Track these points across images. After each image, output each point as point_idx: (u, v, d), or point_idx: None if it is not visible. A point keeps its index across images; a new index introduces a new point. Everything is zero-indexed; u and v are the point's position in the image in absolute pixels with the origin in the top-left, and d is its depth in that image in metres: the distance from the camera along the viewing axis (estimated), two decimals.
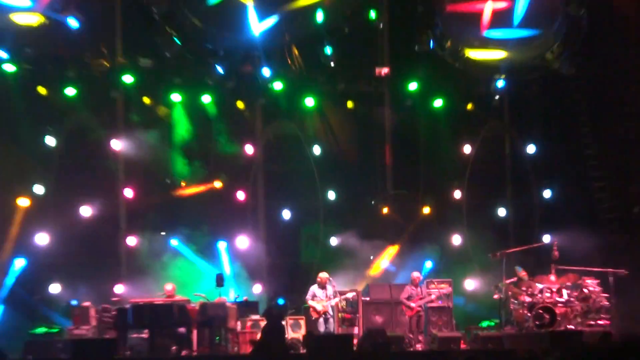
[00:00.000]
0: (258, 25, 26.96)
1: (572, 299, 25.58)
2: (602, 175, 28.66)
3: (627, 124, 28.35)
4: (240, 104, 28.23)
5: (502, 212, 29.38)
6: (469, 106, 29.16)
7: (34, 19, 25.47)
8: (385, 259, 28.02)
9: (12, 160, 26.03)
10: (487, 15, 27.83)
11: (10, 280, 25.47)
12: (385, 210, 28.76)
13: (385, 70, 28.77)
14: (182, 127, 27.48)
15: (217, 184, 27.71)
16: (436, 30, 27.73)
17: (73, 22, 25.67)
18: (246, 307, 24.90)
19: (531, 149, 29.34)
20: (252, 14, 26.89)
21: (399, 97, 29.08)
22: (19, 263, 25.55)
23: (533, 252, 27.29)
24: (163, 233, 26.94)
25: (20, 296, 25.53)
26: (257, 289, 26.94)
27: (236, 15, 26.97)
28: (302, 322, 25.42)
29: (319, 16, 27.25)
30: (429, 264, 27.69)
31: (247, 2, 26.85)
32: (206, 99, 27.68)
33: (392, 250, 28.11)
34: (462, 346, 24.38)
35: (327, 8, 27.28)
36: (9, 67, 25.87)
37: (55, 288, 25.83)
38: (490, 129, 29.48)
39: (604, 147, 28.69)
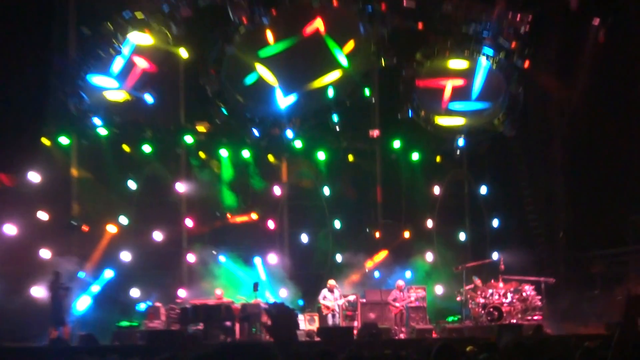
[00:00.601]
0: (283, 100, 27.51)
1: (514, 300, 26.07)
2: (535, 208, 29.07)
3: (553, 172, 28.92)
4: (270, 157, 28.49)
5: (462, 236, 29.76)
6: (438, 159, 29.66)
7: (120, 96, 26.05)
8: (377, 259, 28.49)
9: (103, 198, 26.38)
10: (447, 92, 28.25)
11: (101, 284, 25.74)
12: (377, 234, 29.17)
13: (376, 133, 29.16)
14: (228, 174, 27.81)
15: (254, 216, 28.05)
16: (413, 103, 28.05)
17: (149, 98, 26.26)
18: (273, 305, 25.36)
19: (483, 189, 29.78)
20: (278, 92, 27.46)
21: (387, 152, 29.46)
22: (108, 273, 25.84)
23: (485, 266, 27.75)
24: (214, 252, 27.09)
25: (109, 297, 25.73)
26: (283, 292, 27.01)
27: (266, 93, 27.53)
28: (316, 318, 25.78)
29: (330, 92, 27.78)
30: (408, 274, 27.98)
31: (274, 85, 27.54)
32: (245, 153, 28.01)
33: (382, 254, 28.58)
34: (434, 335, 24.89)
35: (335, 86, 27.81)
36: (102, 131, 26.15)
37: (135, 292, 26.12)
38: (453, 175, 29.92)
39: (535, 188, 29.15)
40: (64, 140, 25.93)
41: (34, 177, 25.03)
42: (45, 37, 18.12)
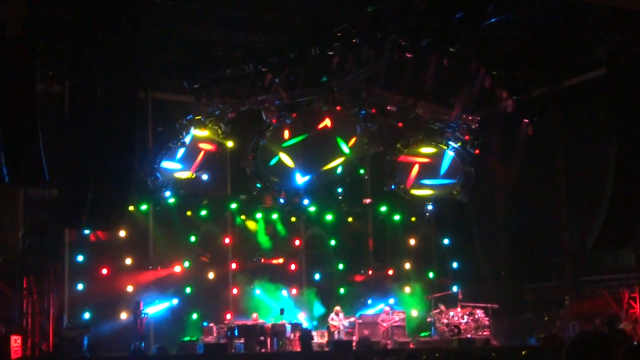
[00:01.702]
0: (301, 178, 27.80)
1: (469, 320, 26.08)
2: (483, 254, 29.12)
3: (497, 227, 29.00)
4: (292, 218, 28.63)
5: (431, 274, 29.65)
6: (413, 219, 29.70)
7: (185, 174, 26.21)
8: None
9: (171, 248, 26.44)
10: (414, 172, 28.42)
11: (169, 309, 25.68)
12: (369, 273, 29.28)
13: (368, 200, 29.37)
14: (261, 230, 27.94)
15: (280, 260, 28.11)
16: (395, 179, 28.31)
17: (205, 176, 26.41)
18: (294, 325, 25.42)
19: (446, 241, 29.87)
20: (297, 173, 27.79)
21: (376, 214, 29.64)
22: (175, 301, 25.82)
23: (448, 296, 27.70)
24: (252, 286, 27.03)
25: (175, 319, 25.65)
26: (302, 316, 26.95)
27: (289, 173, 27.76)
28: (326, 334, 25.75)
29: (339, 169, 28.11)
30: (392, 301, 27.90)
31: (292, 167, 27.73)
32: (274, 216, 28.23)
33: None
34: (411, 346, 25.24)
35: (342, 166, 28.07)
36: (171, 200, 26.35)
37: (194, 315, 26.03)
38: (424, 230, 30.00)
39: (484, 239, 29.25)
40: (143, 207, 26.24)
41: (121, 233, 25.07)
42: (131, 133, 18.22)
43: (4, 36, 16.30)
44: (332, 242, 28.86)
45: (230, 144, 26.75)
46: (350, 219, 29.27)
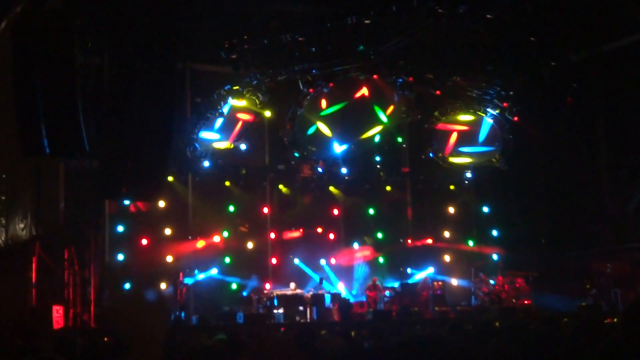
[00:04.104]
0: (338, 147, 27.95)
1: (509, 289, 26.28)
2: (523, 222, 28.84)
3: (535, 195, 28.93)
4: (331, 188, 28.55)
5: (470, 243, 29.44)
6: (452, 187, 29.57)
7: (224, 144, 26.38)
8: None
9: (211, 218, 26.65)
10: (452, 140, 28.61)
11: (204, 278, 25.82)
12: (408, 242, 29.17)
13: (406, 169, 29.55)
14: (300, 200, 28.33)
15: (319, 229, 28.11)
16: (434, 147, 28.47)
17: (243, 146, 26.56)
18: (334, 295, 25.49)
19: (485, 209, 29.69)
20: (334, 142, 27.93)
21: (414, 183, 29.63)
22: (214, 271, 25.96)
23: (488, 264, 28.18)
24: (290, 256, 27.24)
25: (215, 289, 25.95)
26: (341, 286, 27.09)
27: (325, 141, 27.95)
28: (365, 304, 25.84)
29: (376, 138, 28.29)
30: (431, 270, 28.08)
31: (330, 136, 27.85)
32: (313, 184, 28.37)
33: None
34: (451, 315, 25.15)
35: (380, 134, 28.20)
36: (210, 170, 26.42)
37: (233, 286, 26.23)
38: (463, 198, 29.88)
39: (524, 208, 28.98)
40: (182, 177, 26.25)
41: (161, 203, 25.29)
42: (170, 104, 18.38)
43: (44, 10, 16.47)
44: (371, 211, 28.80)
45: (267, 113, 26.85)
46: (388, 188, 29.18)
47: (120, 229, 25.09)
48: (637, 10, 22.70)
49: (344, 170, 28.03)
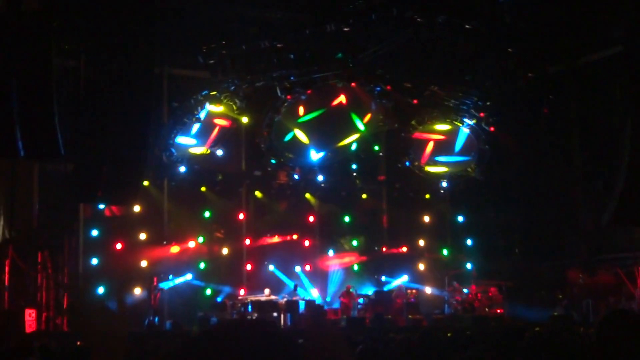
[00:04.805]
0: (315, 155, 27.85)
1: (483, 298, 26.33)
2: (497, 231, 29.02)
3: (510, 204, 28.89)
4: (307, 195, 28.52)
5: (445, 252, 29.44)
6: (427, 196, 29.53)
7: (200, 150, 26.26)
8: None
9: (186, 223, 26.50)
10: (429, 148, 28.59)
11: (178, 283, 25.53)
12: (383, 250, 29.11)
13: (382, 177, 29.52)
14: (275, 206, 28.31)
15: (295, 236, 27.96)
16: (410, 156, 28.48)
17: (219, 152, 26.48)
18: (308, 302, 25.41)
19: (460, 218, 29.67)
20: (311, 149, 27.83)
21: (390, 191, 29.58)
22: (188, 276, 25.72)
23: (462, 274, 28.15)
24: (265, 262, 27.12)
25: (189, 294, 25.73)
26: (315, 292, 27.14)
27: (302, 148, 27.83)
28: (339, 311, 25.86)
29: (353, 146, 28.20)
30: (406, 278, 28.01)
31: (307, 143, 27.77)
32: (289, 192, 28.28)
33: None
34: (424, 323, 25.09)
35: (357, 142, 28.13)
36: (186, 175, 26.22)
37: (207, 291, 26.11)
38: (438, 208, 29.87)
39: (497, 217, 29.10)
40: (158, 181, 26.09)
41: (136, 208, 25.15)
42: (147, 108, 18.29)
43: (21, 11, 16.33)
44: (346, 219, 28.77)
45: (245, 119, 26.76)
46: (364, 196, 29.17)
47: (94, 233, 24.85)
48: (613, 25, 22.82)
49: (320, 178, 27.98)
